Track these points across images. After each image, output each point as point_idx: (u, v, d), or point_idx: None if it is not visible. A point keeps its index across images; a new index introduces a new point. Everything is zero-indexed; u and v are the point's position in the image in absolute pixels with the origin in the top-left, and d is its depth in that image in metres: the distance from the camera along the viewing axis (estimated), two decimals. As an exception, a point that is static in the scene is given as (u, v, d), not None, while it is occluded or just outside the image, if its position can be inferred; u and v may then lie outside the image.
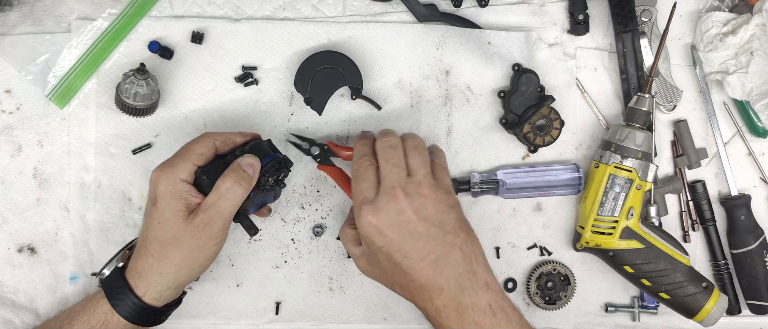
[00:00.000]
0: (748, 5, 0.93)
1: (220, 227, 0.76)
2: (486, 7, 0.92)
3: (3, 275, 0.90)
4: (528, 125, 0.90)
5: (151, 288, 0.77)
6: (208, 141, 0.78)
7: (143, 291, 0.76)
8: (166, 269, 0.76)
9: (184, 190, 0.76)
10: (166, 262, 0.76)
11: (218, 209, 0.75)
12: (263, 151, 0.81)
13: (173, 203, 0.75)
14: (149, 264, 0.77)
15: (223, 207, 0.75)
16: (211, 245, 0.76)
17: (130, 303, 0.76)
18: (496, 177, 0.92)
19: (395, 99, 0.93)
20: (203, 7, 0.91)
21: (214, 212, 0.75)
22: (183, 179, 0.76)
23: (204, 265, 0.79)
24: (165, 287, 0.77)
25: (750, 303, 0.95)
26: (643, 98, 0.88)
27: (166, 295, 0.78)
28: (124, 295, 0.76)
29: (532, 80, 0.91)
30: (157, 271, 0.76)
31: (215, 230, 0.76)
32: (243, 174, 0.76)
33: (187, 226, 0.75)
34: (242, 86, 0.91)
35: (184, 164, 0.76)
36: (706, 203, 0.95)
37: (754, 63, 0.91)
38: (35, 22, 0.89)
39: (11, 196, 0.90)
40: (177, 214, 0.75)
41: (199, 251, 0.76)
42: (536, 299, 0.94)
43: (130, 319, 0.76)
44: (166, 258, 0.76)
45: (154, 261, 0.76)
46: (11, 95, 0.89)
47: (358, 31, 0.92)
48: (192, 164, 0.76)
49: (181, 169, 0.76)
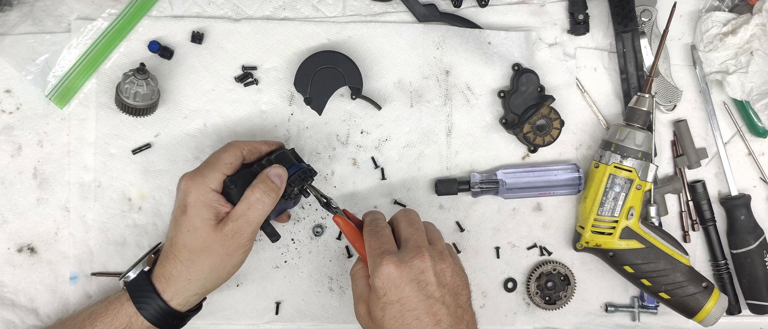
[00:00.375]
0: (748, 5, 0.93)
1: (248, 236, 0.77)
2: (486, 7, 0.92)
3: (3, 275, 0.90)
4: (528, 125, 0.90)
5: (179, 293, 0.77)
6: (235, 151, 0.80)
7: (170, 296, 0.77)
8: (194, 275, 0.77)
9: (213, 199, 0.76)
10: (195, 269, 0.77)
11: (247, 219, 0.76)
12: (289, 161, 0.81)
13: (203, 212, 0.76)
14: (178, 270, 0.77)
15: (252, 217, 0.76)
16: (239, 253, 0.77)
17: (157, 306, 0.77)
18: (496, 177, 0.92)
19: (395, 99, 0.93)
20: (203, 7, 0.91)
21: (244, 222, 0.76)
22: (213, 188, 0.77)
23: (231, 272, 0.79)
24: (192, 293, 0.78)
25: (750, 303, 0.95)
26: (643, 97, 0.88)
27: (192, 301, 0.79)
28: (151, 299, 0.77)
29: (532, 80, 0.91)
30: (185, 277, 0.77)
31: (244, 240, 0.76)
32: (271, 185, 0.77)
33: (217, 235, 0.76)
34: (242, 86, 0.91)
35: (214, 173, 0.77)
36: (706, 203, 0.95)
37: (754, 63, 0.91)
38: (35, 22, 0.89)
39: (11, 196, 0.90)
40: (207, 222, 0.76)
41: (228, 259, 0.77)
42: (536, 299, 0.94)
43: (155, 322, 0.77)
44: (195, 265, 0.77)
45: (183, 268, 0.77)
46: (11, 95, 0.89)
47: (358, 31, 0.92)
48: (221, 174, 0.77)
49: (211, 179, 0.77)
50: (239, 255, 0.78)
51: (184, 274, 0.77)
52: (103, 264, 0.91)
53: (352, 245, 0.80)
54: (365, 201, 0.93)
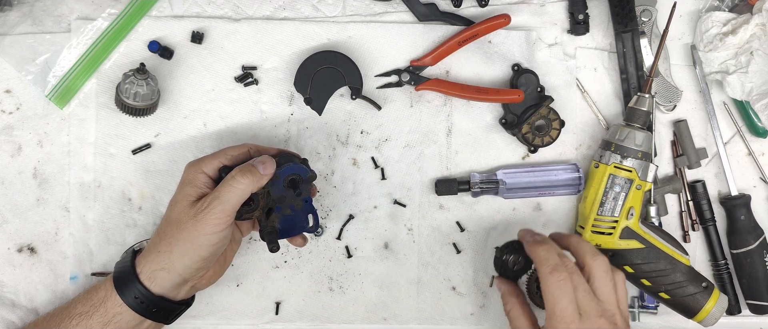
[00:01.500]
0: (748, 5, 0.93)
1: (218, 215, 0.75)
2: (486, 7, 0.92)
3: (3, 275, 0.90)
4: (527, 126, 0.90)
5: (148, 265, 0.77)
6: (243, 147, 0.82)
7: (141, 269, 0.77)
8: (164, 248, 0.77)
9: (200, 180, 0.78)
10: (165, 241, 0.77)
11: (219, 196, 0.76)
12: (287, 158, 0.81)
13: (187, 189, 0.78)
14: (154, 241, 0.78)
15: (224, 194, 0.76)
16: (208, 232, 0.75)
17: (136, 289, 0.76)
18: (496, 177, 0.92)
19: (395, 99, 0.93)
20: (203, 7, 0.91)
21: (214, 198, 0.76)
22: (205, 171, 0.79)
23: (200, 255, 0.76)
24: (159, 266, 0.76)
25: (750, 303, 0.95)
26: (642, 98, 0.88)
27: (160, 278, 0.76)
28: (128, 274, 0.77)
29: (532, 80, 0.91)
30: (156, 249, 0.77)
31: (213, 217, 0.75)
32: (251, 168, 0.77)
33: (190, 209, 0.76)
34: (242, 86, 0.91)
35: (212, 160, 0.80)
36: (706, 203, 0.95)
37: (754, 63, 0.91)
38: (35, 22, 0.89)
39: (11, 196, 0.90)
40: (186, 198, 0.77)
41: (198, 237, 0.75)
42: (536, 299, 0.94)
43: (129, 302, 0.76)
44: (166, 237, 0.77)
45: (158, 239, 0.78)
46: (11, 95, 0.89)
47: (358, 31, 0.92)
48: (219, 162, 0.79)
49: (207, 163, 0.79)
50: (208, 236, 0.75)
51: (156, 246, 0.77)
52: (103, 264, 0.91)
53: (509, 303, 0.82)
54: (365, 201, 0.93)
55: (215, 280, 0.83)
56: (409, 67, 0.91)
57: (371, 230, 0.93)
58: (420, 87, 0.91)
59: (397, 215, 0.94)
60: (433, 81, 0.91)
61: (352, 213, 0.93)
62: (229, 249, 0.84)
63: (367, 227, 0.93)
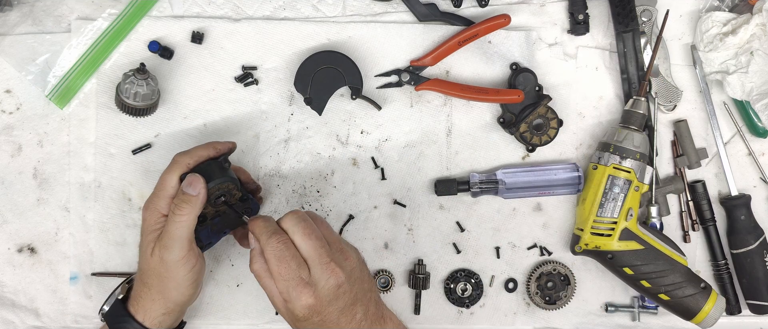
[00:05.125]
0: (748, 5, 0.93)
1: (179, 250, 0.76)
2: (486, 7, 0.92)
3: (3, 275, 0.90)
4: (524, 125, 0.90)
5: (149, 313, 0.79)
6: (177, 169, 0.78)
7: (142, 317, 0.79)
8: (155, 295, 0.78)
9: (160, 223, 0.78)
10: (154, 289, 0.78)
11: (170, 235, 0.76)
12: (210, 171, 0.78)
13: (149, 237, 0.78)
14: (142, 291, 0.79)
15: (173, 231, 0.76)
16: (180, 268, 0.77)
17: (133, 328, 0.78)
18: (496, 177, 0.92)
19: (395, 99, 0.93)
20: (203, 7, 0.91)
21: (167, 238, 0.76)
22: (162, 212, 0.77)
23: (186, 287, 0.78)
24: (160, 312, 0.79)
25: (750, 303, 0.95)
26: (638, 101, 0.89)
27: (164, 320, 0.80)
28: (127, 323, 0.79)
29: (530, 80, 0.91)
30: (148, 297, 0.79)
31: (176, 256, 0.76)
32: (183, 196, 0.76)
33: (153, 257, 0.77)
34: (242, 86, 0.91)
35: (161, 200, 0.77)
36: (706, 203, 0.95)
37: (754, 63, 0.91)
38: (35, 22, 0.89)
39: (11, 196, 0.90)
40: (149, 245, 0.77)
41: (172, 277, 0.77)
42: (536, 299, 0.94)
43: None
44: (149, 284, 0.78)
45: (145, 289, 0.79)
46: (11, 95, 0.90)
47: (358, 31, 0.92)
48: (169, 197, 0.77)
49: (163, 200, 0.77)
50: (182, 271, 0.77)
51: (146, 294, 0.79)
52: (103, 264, 0.91)
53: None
54: (365, 201, 0.93)
55: (199, 292, 0.84)
56: (409, 67, 0.91)
57: (371, 230, 0.93)
58: (420, 87, 0.91)
59: (397, 215, 0.94)
60: (433, 81, 0.91)
61: (352, 213, 0.93)
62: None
63: (367, 227, 0.93)
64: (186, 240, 0.76)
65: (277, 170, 0.92)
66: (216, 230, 0.84)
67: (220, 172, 0.79)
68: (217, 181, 0.78)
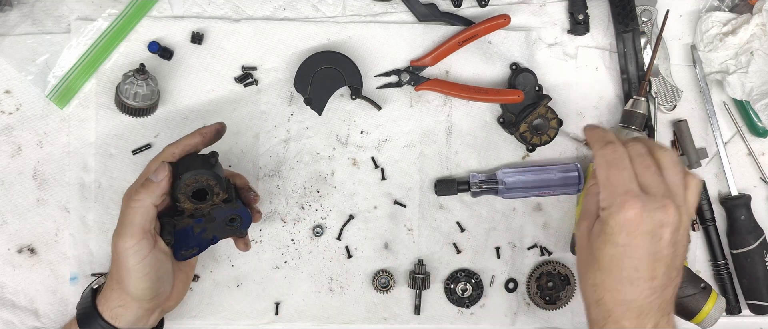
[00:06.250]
0: (748, 5, 0.93)
1: (130, 238, 0.73)
2: (486, 7, 0.92)
3: (3, 276, 0.90)
4: (524, 125, 0.90)
5: (107, 303, 0.77)
6: (160, 158, 0.77)
7: (102, 308, 0.78)
8: (114, 285, 0.77)
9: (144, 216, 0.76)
10: (113, 278, 0.78)
11: (123, 220, 0.75)
12: (190, 163, 0.76)
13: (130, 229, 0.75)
14: (108, 281, 0.79)
15: (127, 216, 0.75)
16: (130, 256, 0.73)
17: (95, 322, 0.77)
18: (496, 177, 0.92)
19: (395, 99, 0.93)
20: (203, 8, 0.91)
21: (121, 224, 0.75)
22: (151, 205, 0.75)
23: (137, 278, 0.75)
24: (116, 303, 0.77)
25: (750, 303, 0.95)
26: (638, 100, 0.89)
27: (120, 314, 0.77)
28: (88, 309, 0.78)
29: (530, 80, 0.91)
30: (110, 287, 0.78)
31: (127, 243, 0.73)
32: (145, 183, 0.75)
33: (112, 238, 0.76)
34: (242, 87, 0.91)
35: (145, 195, 0.75)
36: (706, 203, 0.95)
37: (754, 63, 0.91)
38: (35, 22, 0.89)
39: (11, 196, 0.90)
40: (133, 236, 0.75)
41: (123, 265, 0.74)
42: (536, 299, 0.94)
43: None
44: (112, 274, 0.78)
45: (110, 277, 0.79)
46: (11, 95, 0.89)
47: (358, 31, 0.92)
48: (155, 196, 0.75)
49: (147, 203, 0.75)
50: (131, 259, 0.73)
51: (110, 284, 0.78)
52: (103, 264, 0.91)
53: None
54: (365, 201, 0.93)
55: (182, 298, 0.84)
56: (409, 68, 0.91)
57: (371, 230, 0.93)
58: (420, 87, 0.91)
59: (397, 215, 0.94)
60: (433, 81, 0.91)
61: (352, 213, 0.93)
62: (185, 263, 0.83)
63: (367, 227, 0.93)
64: (138, 227, 0.73)
65: (277, 170, 0.92)
66: (201, 234, 0.80)
67: (200, 164, 0.76)
68: (193, 173, 0.75)
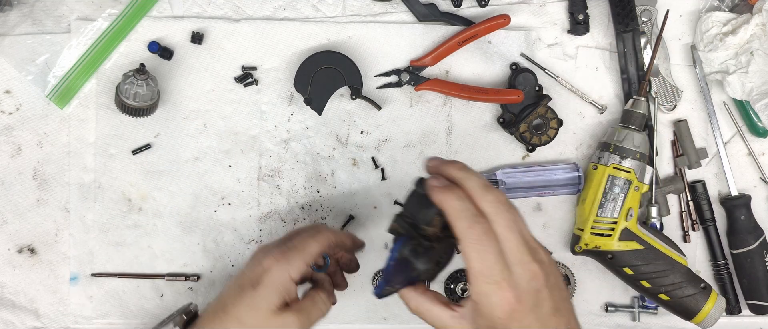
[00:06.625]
0: (748, 5, 0.92)
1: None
2: (486, 7, 0.92)
3: (3, 276, 0.90)
4: (524, 125, 0.90)
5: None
6: (324, 242, 0.77)
7: None
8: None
9: (289, 289, 0.74)
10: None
11: (309, 318, 0.76)
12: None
13: (273, 297, 0.73)
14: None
15: (314, 317, 0.77)
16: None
17: None
18: (496, 177, 0.92)
19: (395, 99, 0.93)
20: (203, 8, 0.91)
21: (305, 318, 0.75)
22: (294, 278, 0.74)
23: None
24: None
25: (750, 303, 0.95)
26: (638, 101, 0.89)
27: None
28: None
29: (529, 80, 0.91)
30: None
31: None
32: (325, 298, 0.79)
33: (275, 319, 0.73)
34: (242, 87, 0.91)
35: (299, 263, 0.75)
36: (706, 203, 0.95)
37: (754, 63, 0.91)
38: (35, 22, 0.89)
39: (11, 196, 0.90)
40: (271, 306, 0.73)
41: None
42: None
43: None
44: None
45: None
46: (11, 95, 0.90)
47: (358, 31, 0.92)
48: (305, 265, 0.75)
49: (295, 267, 0.74)
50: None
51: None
52: (103, 264, 0.91)
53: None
54: (365, 201, 0.93)
55: None
56: (409, 68, 0.91)
57: (371, 230, 0.93)
58: (420, 87, 0.91)
59: (397, 215, 0.94)
60: (433, 81, 0.91)
61: (352, 213, 0.93)
62: None
63: (367, 227, 0.93)
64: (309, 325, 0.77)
65: (277, 170, 0.92)
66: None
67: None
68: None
